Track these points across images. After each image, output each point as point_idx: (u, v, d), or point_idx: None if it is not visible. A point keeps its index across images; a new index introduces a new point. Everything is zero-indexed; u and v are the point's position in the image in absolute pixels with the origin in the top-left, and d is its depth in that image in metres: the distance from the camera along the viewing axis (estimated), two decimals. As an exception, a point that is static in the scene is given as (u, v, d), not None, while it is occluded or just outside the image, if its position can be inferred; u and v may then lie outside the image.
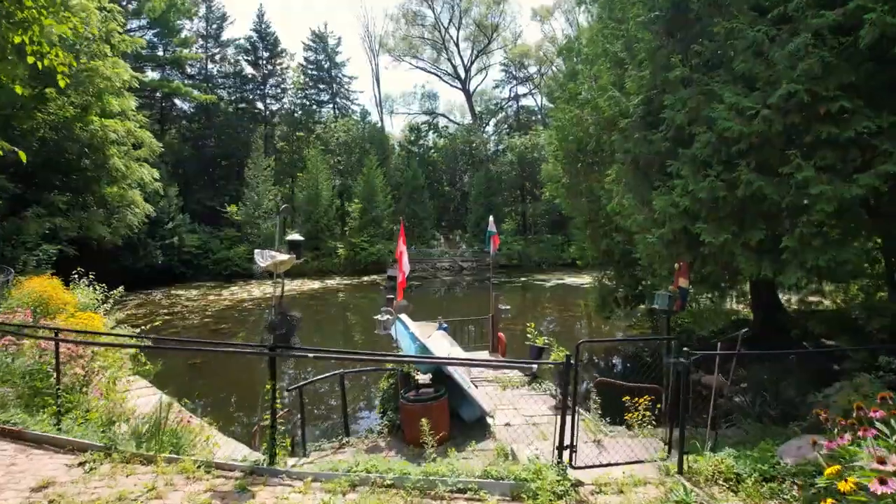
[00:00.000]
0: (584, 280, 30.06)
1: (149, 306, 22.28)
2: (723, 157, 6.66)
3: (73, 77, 18.97)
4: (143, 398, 8.79)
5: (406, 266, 10.14)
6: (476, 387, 7.48)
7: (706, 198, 6.68)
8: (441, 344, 7.46)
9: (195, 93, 36.00)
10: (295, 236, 5.77)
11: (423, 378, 7.30)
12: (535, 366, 8.90)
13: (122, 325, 14.64)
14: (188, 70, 40.73)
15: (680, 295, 7.34)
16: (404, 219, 40.62)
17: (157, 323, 17.43)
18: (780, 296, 12.18)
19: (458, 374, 6.68)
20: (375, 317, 7.16)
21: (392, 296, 10.64)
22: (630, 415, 6.69)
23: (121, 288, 14.13)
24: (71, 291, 13.23)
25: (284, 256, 5.15)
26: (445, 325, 10.87)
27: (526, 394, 8.82)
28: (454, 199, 46.64)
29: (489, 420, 6.99)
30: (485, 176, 41.25)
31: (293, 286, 29.03)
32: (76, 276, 13.66)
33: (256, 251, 5.21)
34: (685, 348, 4.64)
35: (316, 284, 29.87)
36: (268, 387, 4.92)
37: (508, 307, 12.80)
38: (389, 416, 7.07)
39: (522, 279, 31.55)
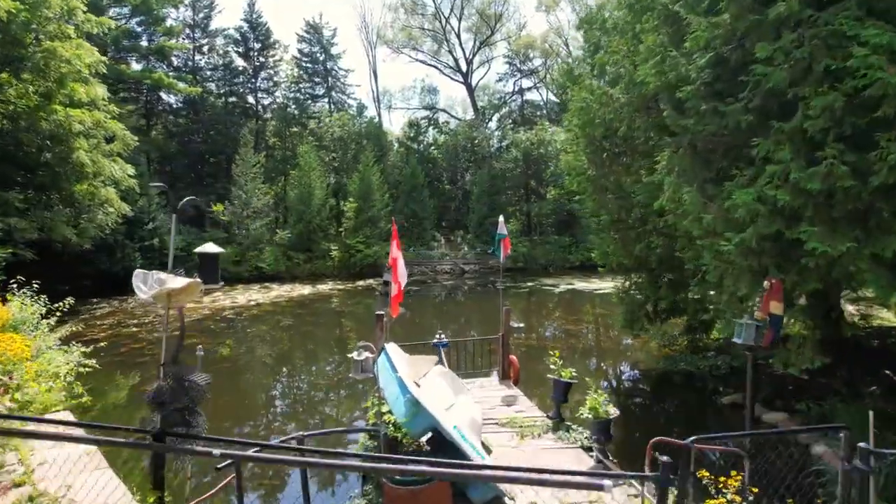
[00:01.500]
0: (596, 285, 28.06)
1: (119, 315, 20.34)
2: (845, 131, 4.69)
3: (29, 59, 17.10)
4: (58, 449, 6.84)
5: (402, 275, 8.28)
6: (490, 451, 5.51)
7: (819, 189, 4.71)
8: (439, 389, 5.49)
9: (180, 85, 34.08)
10: (209, 247, 3.72)
11: (417, 436, 5.35)
12: (558, 412, 6.94)
13: (72, 344, 12.66)
14: (175, 62, 38.81)
15: (771, 324, 5.37)
16: (402, 219, 38.65)
17: (103, 342, 15.47)
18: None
19: (466, 440, 4.72)
20: (350, 355, 5.21)
21: (383, 312, 8.69)
22: (713, 501, 4.75)
23: (69, 299, 12.15)
24: (8, 304, 11.30)
25: (181, 281, 3.11)
26: (446, 342, 8.94)
27: (551, 446, 6.87)
28: (455, 198, 44.68)
29: (507, 502, 5.04)
30: (488, 174, 39.28)
31: (281, 292, 27.07)
32: (15, 284, 11.71)
33: (137, 273, 3.19)
34: (862, 444, 2.72)
35: (307, 289, 27.88)
36: (150, 501, 2.97)
37: (522, 325, 10.85)
38: (369, 495, 5.11)
39: (529, 284, 29.56)
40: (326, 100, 45.15)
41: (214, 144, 38.89)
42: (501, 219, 11.06)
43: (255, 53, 41.86)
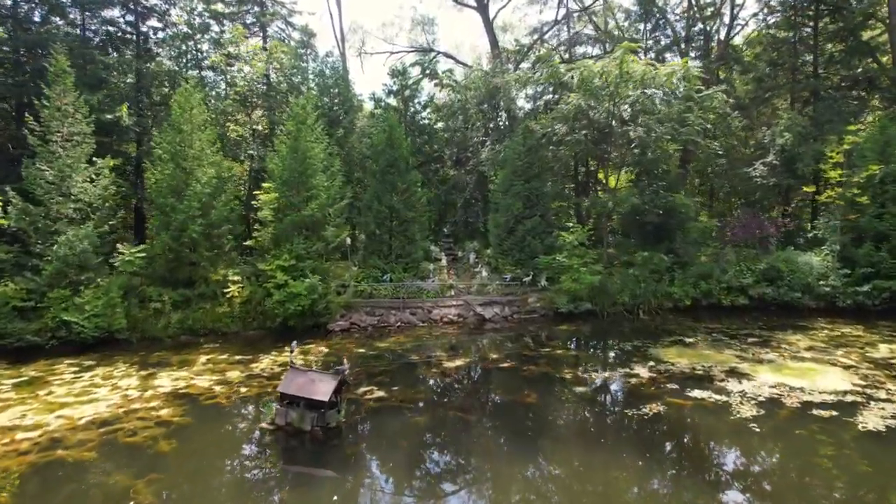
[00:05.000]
0: (817, 379, 11.90)
1: None
2: None
3: None
4: None
5: None
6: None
7: None
8: None
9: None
10: None
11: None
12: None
13: None
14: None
15: None
16: (370, 223, 22.63)
17: None
18: None
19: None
20: None
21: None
22: None
23: None
24: None
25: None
26: None
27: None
28: (465, 187, 28.79)
29: None
30: (523, 141, 23.34)
31: (83, 386, 11.11)
32: None
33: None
34: None
35: (123, 391, 12.01)
36: None
37: None
38: None
39: (636, 369, 13.60)
40: (259, 32, 29.30)
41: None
42: None
43: (134, -52, 26.06)
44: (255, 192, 21.91)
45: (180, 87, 19.77)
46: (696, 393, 11.44)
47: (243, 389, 12.22)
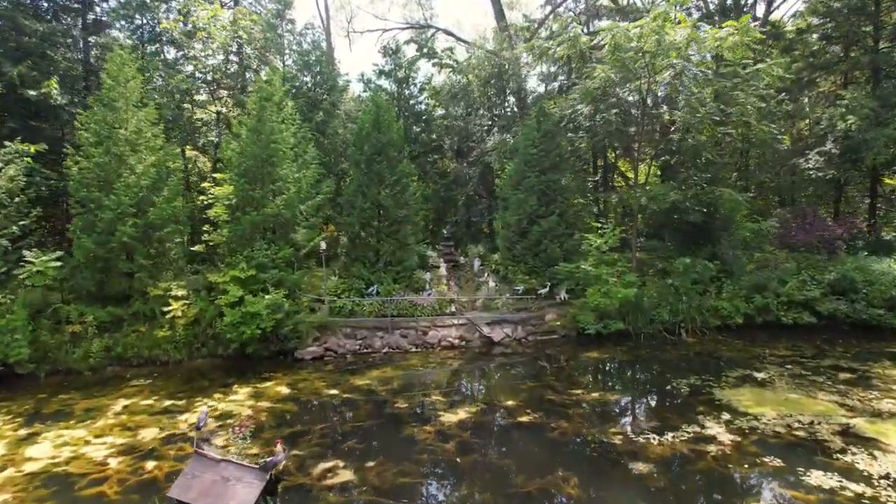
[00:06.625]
0: None
1: None
2: None
3: None
4: None
5: None
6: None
7: None
8: None
9: None
10: None
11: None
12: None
13: None
14: None
15: None
16: (354, 224, 18.60)
17: None
18: None
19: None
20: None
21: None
22: None
23: None
24: None
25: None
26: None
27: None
28: (467, 181, 25.05)
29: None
30: (538, 126, 19.62)
31: None
32: None
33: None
34: None
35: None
36: None
37: None
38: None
39: (682, 426, 9.91)
40: (231, 11, 25.51)
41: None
42: None
43: None
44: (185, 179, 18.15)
45: (113, 52, 15.91)
46: (815, 477, 7.73)
47: (150, 465, 8.50)
